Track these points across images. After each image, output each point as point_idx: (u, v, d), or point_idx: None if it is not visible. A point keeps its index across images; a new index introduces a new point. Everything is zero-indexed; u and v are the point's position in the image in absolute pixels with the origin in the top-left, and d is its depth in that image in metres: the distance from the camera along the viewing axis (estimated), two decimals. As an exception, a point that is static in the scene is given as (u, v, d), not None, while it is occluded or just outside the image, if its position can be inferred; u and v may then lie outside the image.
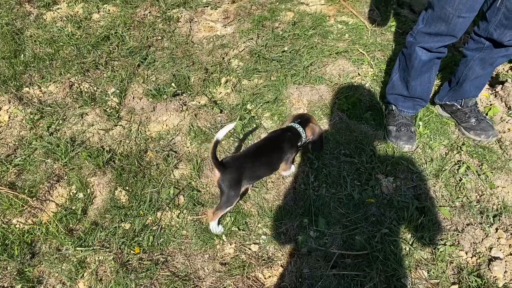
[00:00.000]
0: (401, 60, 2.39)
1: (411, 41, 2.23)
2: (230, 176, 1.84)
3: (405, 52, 2.32)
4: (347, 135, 2.49)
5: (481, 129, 2.46)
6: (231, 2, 3.65)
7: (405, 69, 2.36)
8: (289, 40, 3.24)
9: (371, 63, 3.02)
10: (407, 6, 3.58)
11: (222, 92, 2.81)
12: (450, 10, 1.92)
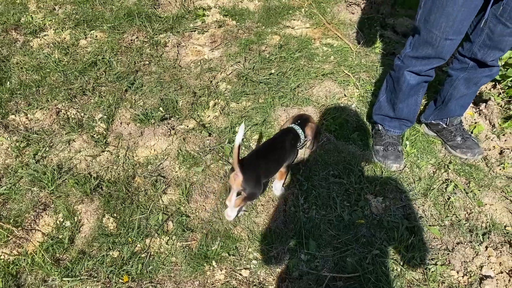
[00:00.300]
0: (389, 83, 2.41)
1: (399, 65, 2.25)
2: (251, 177, 1.94)
3: (393, 75, 2.34)
4: (335, 156, 2.50)
5: (467, 147, 2.49)
6: (218, 26, 3.69)
7: (392, 91, 2.39)
8: (276, 62, 3.28)
9: (357, 84, 3.06)
10: (390, 28, 3.66)
11: (210, 116, 2.81)
12: (437, 34, 1.94)
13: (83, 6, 3.85)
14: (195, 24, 3.72)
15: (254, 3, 4.06)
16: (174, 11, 3.87)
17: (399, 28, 3.61)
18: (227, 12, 3.87)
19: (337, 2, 4.03)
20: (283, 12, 3.93)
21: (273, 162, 2.06)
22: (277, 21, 3.81)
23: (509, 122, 2.60)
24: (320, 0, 4.08)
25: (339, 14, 3.88)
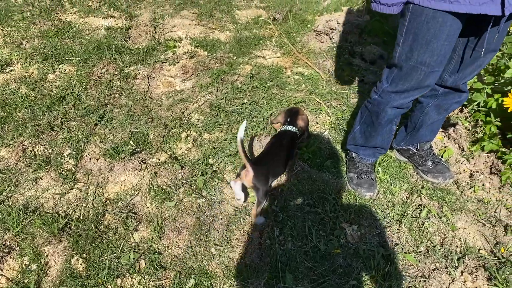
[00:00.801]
0: (364, 115, 2.36)
1: (378, 100, 2.18)
2: (262, 173, 2.12)
3: (371, 108, 2.27)
4: (310, 184, 2.49)
5: (438, 171, 2.53)
6: (189, 57, 3.70)
7: (369, 124, 2.34)
8: (248, 92, 3.29)
9: (328, 112, 3.09)
10: (359, 56, 3.74)
11: (182, 148, 2.78)
12: (423, 68, 1.90)
13: (52, 40, 3.81)
14: (166, 56, 3.72)
15: (225, 34, 4.10)
16: (144, 43, 3.87)
17: (367, 55, 3.69)
18: (198, 43, 3.89)
19: (306, 32, 4.11)
20: (254, 42, 3.98)
21: (280, 163, 2.30)
22: (248, 51, 3.85)
23: (477, 146, 2.66)
24: (289, 30, 4.16)
25: (308, 43, 3.95)
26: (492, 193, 2.44)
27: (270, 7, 4.66)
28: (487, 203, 2.38)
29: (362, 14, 4.21)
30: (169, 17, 4.32)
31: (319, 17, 4.26)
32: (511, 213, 2.32)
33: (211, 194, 2.45)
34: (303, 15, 4.41)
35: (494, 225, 2.25)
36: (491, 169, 2.58)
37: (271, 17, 4.42)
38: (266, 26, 4.26)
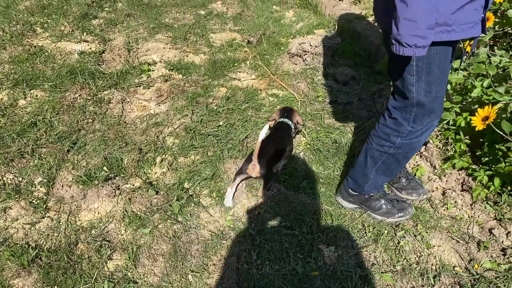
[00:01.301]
0: (383, 158, 2.23)
1: (407, 142, 2.10)
2: (266, 164, 2.43)
3: (395, 152, 2.16)
4: (286, 206, 2.49)
5: (412, 188, 2.57)
6: (164, 80, 3.70)
7: (391, 164, 2.25)
8: (224, 114, 3.30)
9: (304, 132, 3.12)
10: (331, 77, 3.81)
11: (157, 172, 2.75)
12: (441, 97, 1.92)
13: (23, 65, 3.75)
14: (140, 79, 3.71)
15: (199, 57, 4.12)
16: (118, 67, 3.85)
17: (339, 77, 3.76)
18: (172, 66, 3.90)
19: (280, 54, 4.18)
20: (228, 64, 4.01)
21: (278, 151, 2.59)
22: (223, 73, 3.88)
23: (448, 163, 2.72)
24: (264, 53, 4.21)
25: (282, 65, 4.01)
26: (464, 210, 2.49)
27: (244, 30, 4.73)
28: (460, 220, 2.43)
29: (333, 37, 4.31)
30: (143, 41, 4.32)
31: (292, 40, 4.33)
32: (483, 229, 2.37)
33: (187, 219, 2.42)
34: (277, 38, 4.49)
35: (467, 242, 2.28)
36: (463, 186, 2.64)
37: (245, 40, 4.47)
38: (240, 49, 4.31)
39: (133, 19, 4.89)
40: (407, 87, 1.89)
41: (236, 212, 2.49)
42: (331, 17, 4.75)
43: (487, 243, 2.25)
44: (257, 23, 4.88)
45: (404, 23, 1.50)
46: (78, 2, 5.17)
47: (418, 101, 1.91)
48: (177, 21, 4.91)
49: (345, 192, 2.48)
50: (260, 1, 5.51)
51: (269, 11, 5.23)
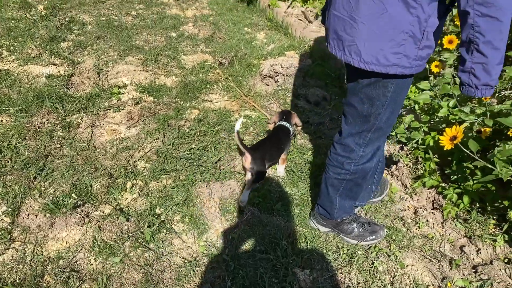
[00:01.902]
0: (343, 185, 2.26)
1: (360, 168, 2.16)
2: (257, 157, 2.58)
3: (352, 178, 2.20)
4: (261, 230, 2.47)
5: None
6: (134, 103, 3.65)
7: (352, 187, 2.27)
8: (196, 137, 3.27)
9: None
10: (303, 98, 3.85)
11: (128, 198, 2.68)
12: (395, 119, 2.03)
13: (-13, 89, 3.64)
14: (110, 103, 3.65)
15: (171, 79, 4.10)
16: (87, 90, 3.78)
17: (311, 97, 3.80)
18: (143, 89, 3.86)
19: (252, 76, 4.20)
20: (200, 86, 4.00)
21: (275, 149, 2.75)
22: (195, 95, 3.87)
23: (419, 182, 2.76)
24: (236, 74, 4.23)
25: (255, 86, 4.03)
26: (435, 228, 2.52)
27: (216, 52, 4.74)
28: (432, 239, 2.45)
29: (304, 58, 4.37)
30: (114, 64, 4.27)
31: (264, 61, 4.38)
32: (454, 247, 2.40)
33: (159, 247, 2.36)
34: (249, 60, 4.52)
35: (439, 260, 2.31)
36: (433, 204, 2.68)
37: (217, 61, 4.49)
38: (212, 70, 4.32)
39: (103, 41, 4.84)
40: (373, 113, 1.92)
41: (209, 237, 2.44)
42: (301, 39, 4.83)
43: (458, 261, 2.28)
44: (229, 45, 4.91)
45: (498, 69, 1.50)
46: (46, 24, 5.09)
47: (378, 127, 1.97)
48: (148, 43, 4.89)
49: (318, 216, 2.48)
50: (232, 23, 5.56)
51: (241, 33, 5.28)
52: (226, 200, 2.70)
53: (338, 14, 1.74)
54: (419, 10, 1.54)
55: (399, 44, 1.62)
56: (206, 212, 2.59)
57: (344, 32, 1.73)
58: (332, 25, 1.80)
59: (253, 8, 6.03)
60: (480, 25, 1.40)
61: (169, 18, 5.68)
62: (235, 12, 5.98)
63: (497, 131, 2.49)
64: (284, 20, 5.29)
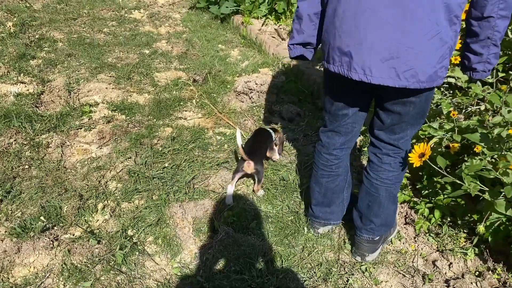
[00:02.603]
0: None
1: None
2: (258, 160, 2.84)
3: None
4: (235, 249, 2.44)
5: None
6: (106, 122, 3.59)
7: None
8: (170, 155, 3.24)
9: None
10: (278, 114, 3.88)
11: (99, 220, 2.62)
12: None
13: (-49, 109, 3.52)
14: (81, 121, 3.58)
15: (144, 97, 4.06)
16: (58, 109, 3.71)
17: (285, 114, 3.83)
18: (115, 107, 3.81)
19: (226, 92, 4.21)
20: (174, 104, 3.98)
21: (263, 146, 3.04)
22: (169, 113, 3.84)
23: (391, 197, 2.80)
24: (210, 91, 4.23)
25: (229, 103, 4.03)
26: (408, 243, 2.55)
27: (189, 69, 4.74)
28: (405, 254, 2.48)
29: (278, 75, 4.41)
30: (85, 81, 4.21)
31: (238, 78, 4.39)
32: (427, 261, 2.43)
33: (131, 269, 2.30)
34: (223, 76, 4.53)
35: (413, 275, 2.33)
36: (406, 219, 2.71)
37: (191, 78, 4.48)
38: (186, 87, 4.30)
39: (74, 59, 4.77)
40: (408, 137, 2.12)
41: (183, 258, 2.40)
42: (275, 56, 4.88)
43: (431, 275, 2.31)
44: (203, 61, 4.92)
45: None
46: (15, 42, 4.99)
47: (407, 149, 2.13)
48: (120, 60, 4.84)
49: (377, 240, 2.39)
50: (206, 40, 5.57)
51: (215, 50, 5.30)
52: (200, 220, 2.67)
53: (382, 42, 1.69)
54: (458, 26, 1.71)
55: (444, 58, 1.74)
56: (180, 233, 2.55)
57: (398, 59, 1.69)
58: (371, 53, 1.72)
59: (227, 25, 6.07)
60: (499, 25, 1.69)
61: (142, 35, 5.66)
62: (209, 29, 6.01)
63: (465, 146, 2.55)
64: (258, 38, 5.34)
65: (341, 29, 1.76)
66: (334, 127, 2.24)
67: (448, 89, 3.09)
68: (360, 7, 1.68)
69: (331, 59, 1.86)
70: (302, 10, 1.99)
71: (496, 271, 2.32)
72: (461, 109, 2.75)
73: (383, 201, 2.22)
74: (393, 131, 2.06)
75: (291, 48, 2.14)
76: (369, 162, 2.25)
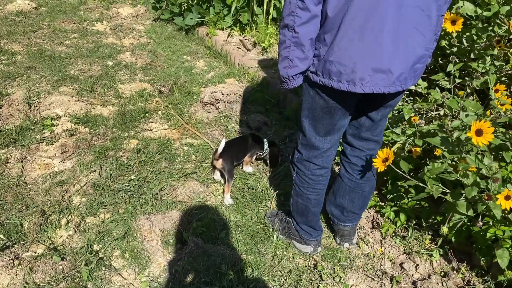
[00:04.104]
0: None
1: None
2: (228, 158, 2.89)
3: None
4: (205, 260, 2.41)
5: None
6: (69, 135, 3.49)
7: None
8: (136, 167, 3.18)
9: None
10: (245, 124, 3.88)
11: (63, 236, 2.53)
12: None
13: None
14: (43, 135, 3.47)
15: (108, 109, 3.98)
16: (17, 123, 3.58)
17: (252, 123, 3.85)
18: (78, 119, 3.71)
19: (193, 103, 4.19)
20: (139, 115, 3.92)
21: (241, 152, 3.11)
22: (134, 124, 3.77)
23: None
24: (176, 102, 4.19)
25: (196, 114, 4.01)
26: (376, 247, 2.60)
27: (155, 80, 4.69)
28: (373, 257, 2.52)
29: (244, 85, 4.44)
30: (46, 94, 4.09)
31: (204, 89, 4.38)
32: (395, 264, 2.48)
33: (97, 285, 2.23)
34: (189, 87, 4.51)
35: (381, 279, 2.37)
36: (373, 223, 2.76)
37: (156, 90, 4.43)
38: (151, 99, 4.25)
39: (35, 71, 4.63)
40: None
41: (151, 272, 2.35)
42: (240, 67, 4.91)
43: (399, 277, 2.35)
44: (168, 72, 4.88)
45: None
46: (-29, 54, 4.80)
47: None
48: (83, 72, 4.74)
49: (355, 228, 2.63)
50: (170, 52, 5.54)
51: (180, 61, 5.27)
52: (168, 232, 2.62)
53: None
54: None
55: None
56: (148, 246, 2.49)
57: (419, 64, 1.80)
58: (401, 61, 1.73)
59: (192, 36, 6.06)
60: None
61: (105, 47, 5.56)
62: (173, 40, 5.98)
63: (426, 150, 2.64)
64: (223, 48, 5.36)
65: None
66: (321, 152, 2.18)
67: (408, 95, 3.19)
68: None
69: (357, 79, 1.73)
70: (306, 35, 1.69)
71: (461, 270, 2.39)
72: (422, 115, 2.84)
73: (368, 195, 2.40)
74: (378, 126, 2.17)
75: (293, 78, 1.84)
76: (349, 164, 2.32)
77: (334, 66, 1.71)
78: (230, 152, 2.94)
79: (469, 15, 2.64)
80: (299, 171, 2.26)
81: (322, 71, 1.77)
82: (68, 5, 7.19)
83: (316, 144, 2.11)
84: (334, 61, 1.70)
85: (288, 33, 1.69)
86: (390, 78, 1.72)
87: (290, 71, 1.80)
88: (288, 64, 1.78)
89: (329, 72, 1.74)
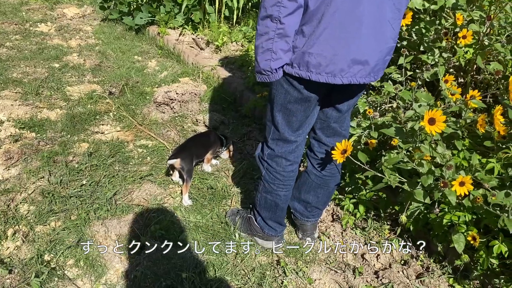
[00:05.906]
0: None
1: None
2: (186, 157, 2.81)
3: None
4: (165, 264, 2.33)
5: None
6: (13, 141, 3.28)
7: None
8: (87, 172, 3.03)
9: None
10: (202, 123, 3.81)
11: (10, 247, 2.36)
12: None
13: None
14: (-16, 142, 3.24)
15: (55, 112, 3.78)
16: (-46, 130, 3.32)
17: (209, 122, 3.78)
18: (23, 124, 3.50)
19: (146, 104, 4.06)
20: (89, 118, 3.75)
21: (201, 148, 3.05)
22: (84, 127, 3.60)
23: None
24: (128, 103, 4.05)
25: (149, 114, 3.89)
26: (337, 239, 2.61)
27: (104, 81, 4.51)
28: (334, 250, 2.53)
29: (199, 84, 4.36)
30: (-14, 99, 3.82)
31: (158, 89, 4.27)
32: (356, 255, 2.51)
33: None
34: (141, 88, 4.38)
35: (344, 271, 2.38)
36: (333, 216, 2.78)
37: (106, 91, 4.26)
38: (102, 100, 4.08)
39: (-28, 75, 4.33)
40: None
41: (109, 279, 2.24)
42: (194, 66, 4.82)
43: (361, 268, 2.37)
44: (118, 73, 4.71)
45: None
46: None
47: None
48: (27, 75, 4.48)
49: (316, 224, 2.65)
50: (120, 52, 5.36)
51: (131, 61, 5.11)
52: (125, 236, 2.51)
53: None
54: None
55: None
56: (103, 252, 2.37)
57: (388, 56, 1.88)
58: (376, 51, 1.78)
59: (143, 36, 5.89)
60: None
61: (50, 49, 5.29)
62: (123, 40, 5.79)
63: (382, 141, 2.69)
64: (176, 48, 5.25)
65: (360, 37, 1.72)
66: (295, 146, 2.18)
67: (362, 89, 3.24)
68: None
69: (337, 71, 1.74)
70: (291, 26, 1.64)
71: (419, 257, 2.45)
72: (376, 107, 2.89)
73: (332, 191, 2.45)
74: (345, 119, 2.21)
75: (276, 71, 1.77)
76: (316, 160, 2.32)
77: (313, 58, 1.68)
78: (189, 150, 2.88)
79: (417, 9, 2.71)
80: (269, 168, 2.22)
81: (299, 62, 1.73)
82: (8, 6, 6.80)
83: (290, 138, 2.09)
84: (314, 53, 1.67)
85: (272, 24, 1.61)
86: (367, 69, 1.76)
87: (273, 63, 1.73)
88: (270, 56, 1.71)
89: (307, 64, 1.71)
